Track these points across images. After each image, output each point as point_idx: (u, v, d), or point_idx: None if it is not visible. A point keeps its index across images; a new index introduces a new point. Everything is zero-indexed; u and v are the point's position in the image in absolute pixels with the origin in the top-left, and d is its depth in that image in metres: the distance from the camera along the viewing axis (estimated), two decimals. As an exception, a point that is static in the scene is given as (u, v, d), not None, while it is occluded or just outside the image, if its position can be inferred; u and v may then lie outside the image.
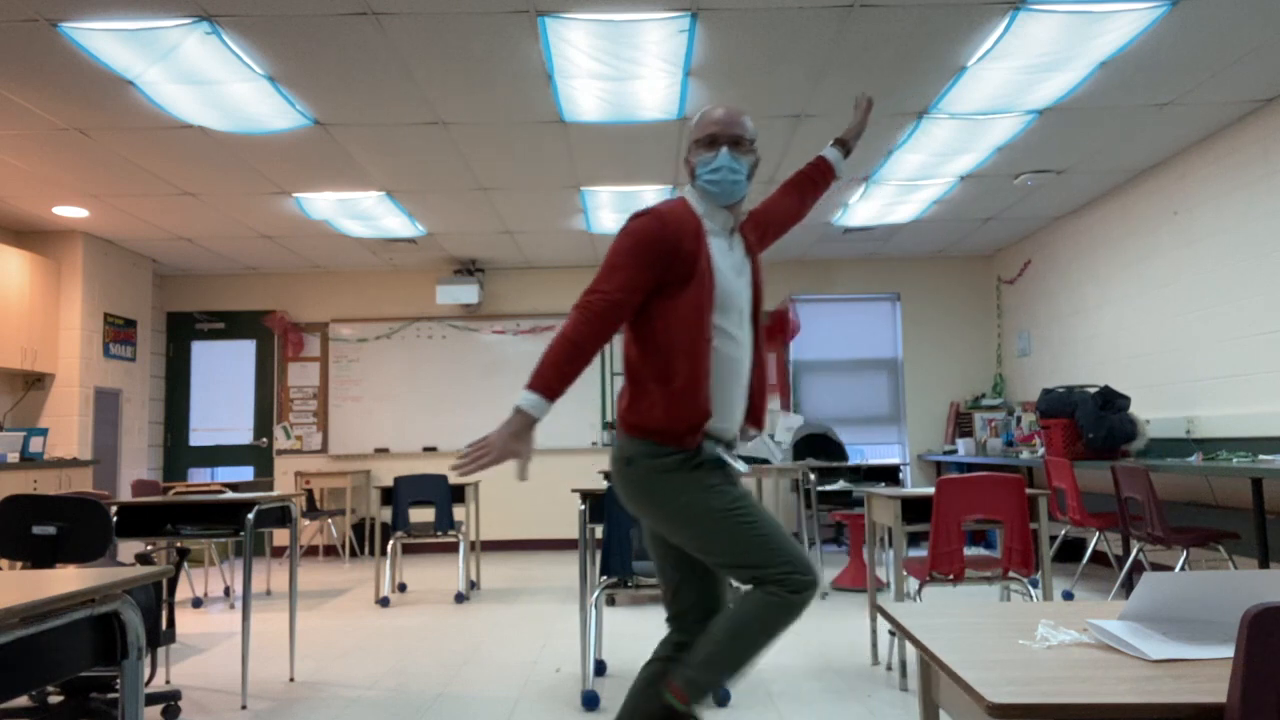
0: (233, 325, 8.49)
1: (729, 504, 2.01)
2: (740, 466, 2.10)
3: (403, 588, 6.21)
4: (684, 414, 2.01)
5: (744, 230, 2.25)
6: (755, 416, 2.22)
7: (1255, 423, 4.90)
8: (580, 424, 8.29)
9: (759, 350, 2.22)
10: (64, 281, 6.76)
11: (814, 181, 2.48)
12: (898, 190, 6.23)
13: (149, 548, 5.33)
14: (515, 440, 1.94)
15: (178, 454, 8.37)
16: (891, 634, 3.72)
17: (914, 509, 3.46)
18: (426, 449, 8.25)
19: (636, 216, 2.07)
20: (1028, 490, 3.29)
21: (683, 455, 2.03)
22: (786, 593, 1.93)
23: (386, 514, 7.89)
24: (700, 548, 2.04)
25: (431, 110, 4.60)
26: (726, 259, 2.13)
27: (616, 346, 8.39)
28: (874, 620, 3.87)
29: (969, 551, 3.33)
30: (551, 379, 1.95)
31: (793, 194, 2.44)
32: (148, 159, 5.21)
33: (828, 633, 4.41)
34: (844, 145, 2.54)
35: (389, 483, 5.94)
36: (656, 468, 2.04)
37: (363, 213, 6.46)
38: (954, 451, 7.85)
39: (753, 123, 2.25)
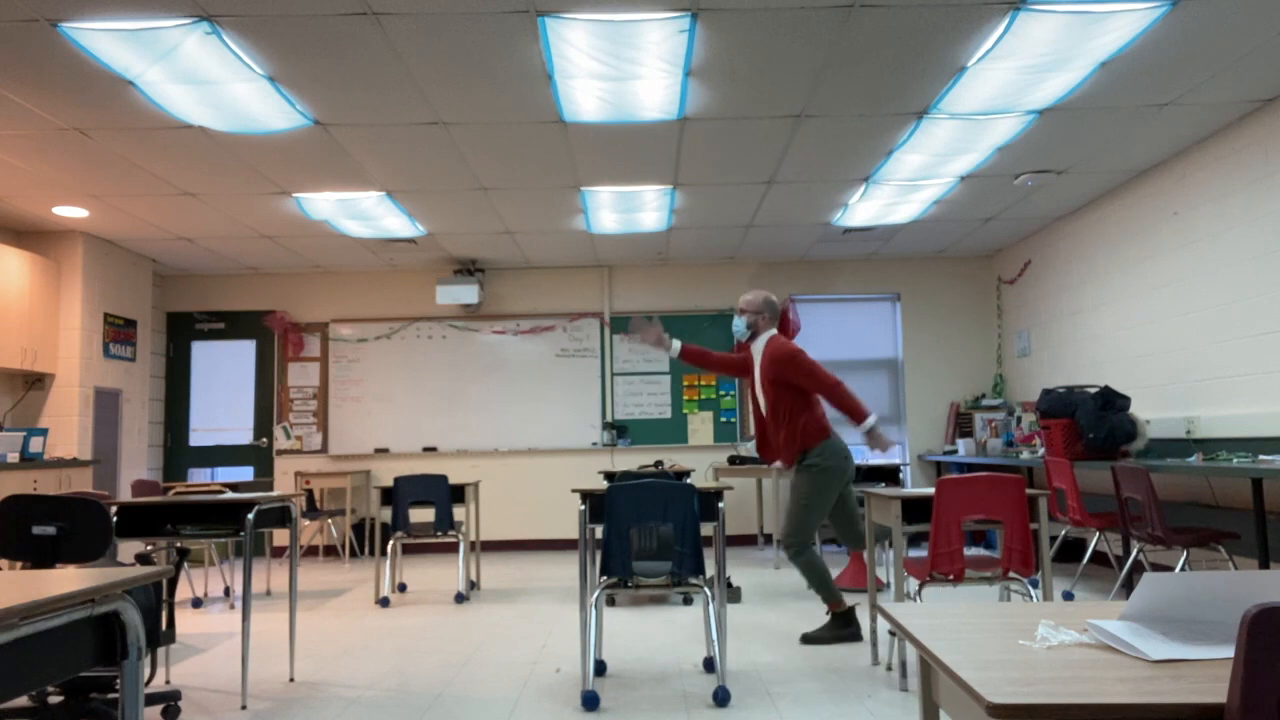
0: (233, 325, 8.49)
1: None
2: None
3: (403, 588, 6.21)
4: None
5: (766, 351, 4.40)
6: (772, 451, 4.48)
7: (1255, 423, 4.90)
8: (580, 424, 8.29)
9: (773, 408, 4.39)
10: (64, 281, 6.76)
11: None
12: (898, 190, 6.23)
13: (149, 548, 5.33)
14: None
15: (178, 454, 8.37)
16: (891, 634, 3.72)
17: (914, 509, 3.46)
18: (426, 449, 8.25)
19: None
20: (1028, 490, 3.29)
21: None
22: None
23: (386, 514, 7.89)
24: None
25: (431, 110, 4.60)
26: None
27: (618, 349, 8.39)
28: (874, 620, 3.87)
29: (969, 551, 3.33)
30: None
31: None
32: (148, 159, 5.21)
33: (828, 633, 4.40)
34: None
35: (389, 483, 5.93)
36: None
37: (363, 213, 6.46)
38: (954, 452, 7.85)
39: (753, 300, 4.46)
